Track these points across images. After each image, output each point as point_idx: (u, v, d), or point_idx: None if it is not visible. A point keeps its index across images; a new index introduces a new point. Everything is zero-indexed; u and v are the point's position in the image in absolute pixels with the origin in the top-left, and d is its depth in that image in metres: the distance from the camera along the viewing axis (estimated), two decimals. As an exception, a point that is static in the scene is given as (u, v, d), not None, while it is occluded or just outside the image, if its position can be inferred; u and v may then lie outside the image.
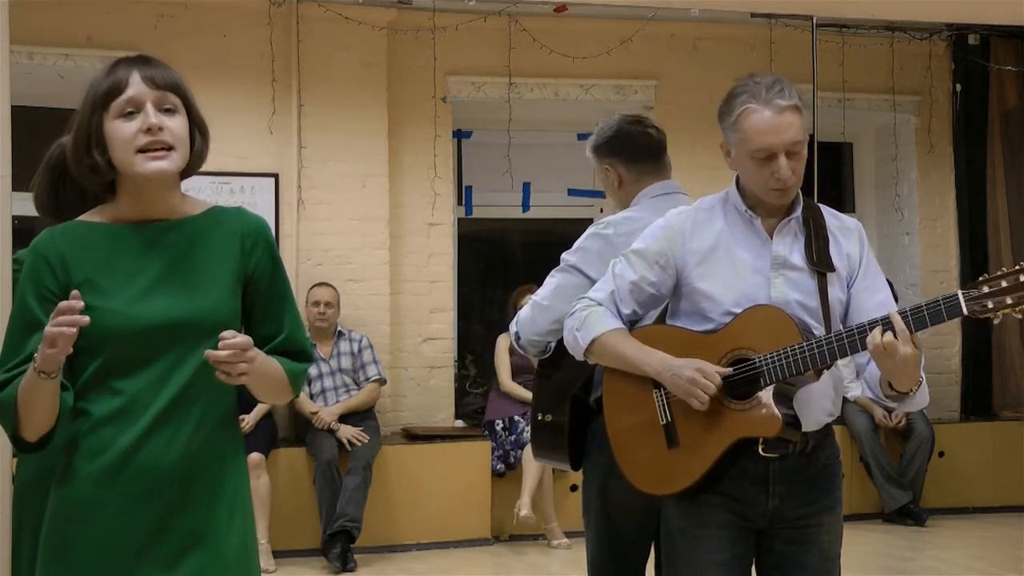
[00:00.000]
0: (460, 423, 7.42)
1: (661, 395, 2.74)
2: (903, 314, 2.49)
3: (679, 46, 7.69)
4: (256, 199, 6.86)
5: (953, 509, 7.53)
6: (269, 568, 6.08)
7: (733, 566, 2.73)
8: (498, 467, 6.80)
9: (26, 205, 3.11)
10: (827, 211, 2.83)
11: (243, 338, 2.11)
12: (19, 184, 3.19)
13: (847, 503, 8.45)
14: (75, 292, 2.05)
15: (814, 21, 5.27)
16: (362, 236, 7.09)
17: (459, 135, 7.79)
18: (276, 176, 6.99)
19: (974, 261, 8.12)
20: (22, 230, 2.57)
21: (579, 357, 2.87)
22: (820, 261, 2.71)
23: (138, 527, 2.16)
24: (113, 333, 2.15)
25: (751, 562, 2.80)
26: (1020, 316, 2.46)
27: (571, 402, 3.24)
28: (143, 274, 2.19)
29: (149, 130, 2.15)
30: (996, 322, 2.50)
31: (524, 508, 6.47)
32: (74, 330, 2.00)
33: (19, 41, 4.42)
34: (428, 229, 7.36)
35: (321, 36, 7.05)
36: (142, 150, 2.16)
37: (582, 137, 7.20)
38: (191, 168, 2.25)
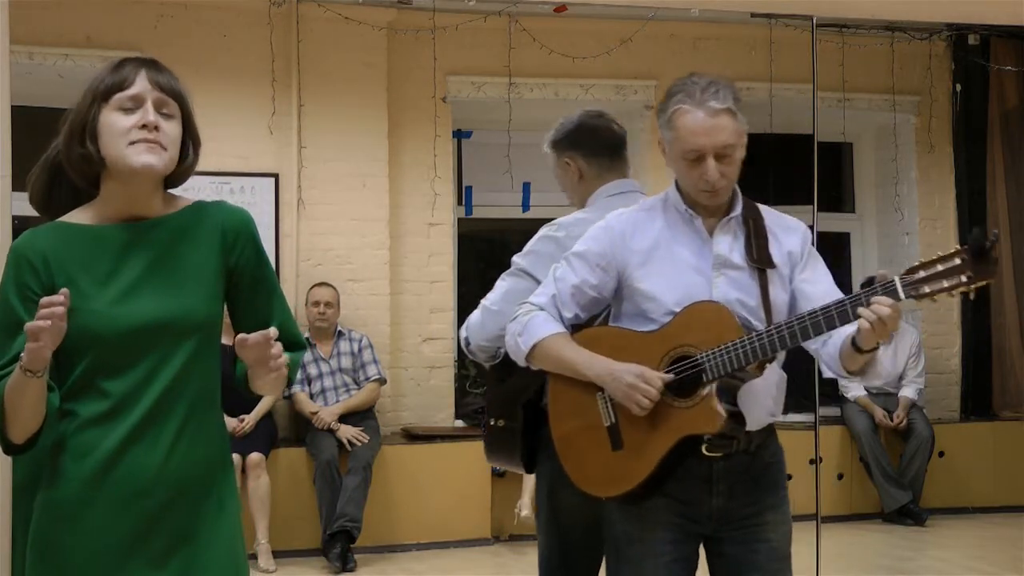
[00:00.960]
0: (460, 423, 7.42)
1: (604, 397, 2.74)
2: (841, 303, 2.51)
3: (679, 46, 7.69)
4: (256, 199, 6.86)
5: (953, 509, 7.53)
6: (269, 568, 6.08)
7: (677, 569, 2.73)
8: (498, 467, 6.79)
9: (27, 205, 3.11)
10: (768, 211, 2.84)
11: (261, 333, 2.14)
12: (19, 184, 3.19)
13: (847, 503, 8.46)
14: (64, 290, 2.04)
15: (814, 21, 5.25)
16: (362, 236, 7.09)
17: (459, 135, 7.78)
18: (276, 176, 6.99)
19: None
20: (22, 230, 2.57)
21: (521, 362, 2.85)
22: (760, 258, 2.72)
23: (125, 527, 2.16)
24: (96, 334, 2.15)
25: (695, 564, 2.79)
26: (956, 297, 2.50)
27: (524, 407, 3.19)
28: (125, 274, 2.19)
29: (145, 126, 2.16)
30: (934, 303, 2.55)
31: (524, 508, 6.46)
32: (49, 323, 1.99)
33: (19, 41, 4.41)
34: (428, 229, 7.36)
35: (321, 36, 7.05)
36: (134, 143, 2.16)
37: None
38: (176, 178, 2.26)
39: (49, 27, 6.57)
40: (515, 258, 3.23)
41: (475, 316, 3.21)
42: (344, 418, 6.56)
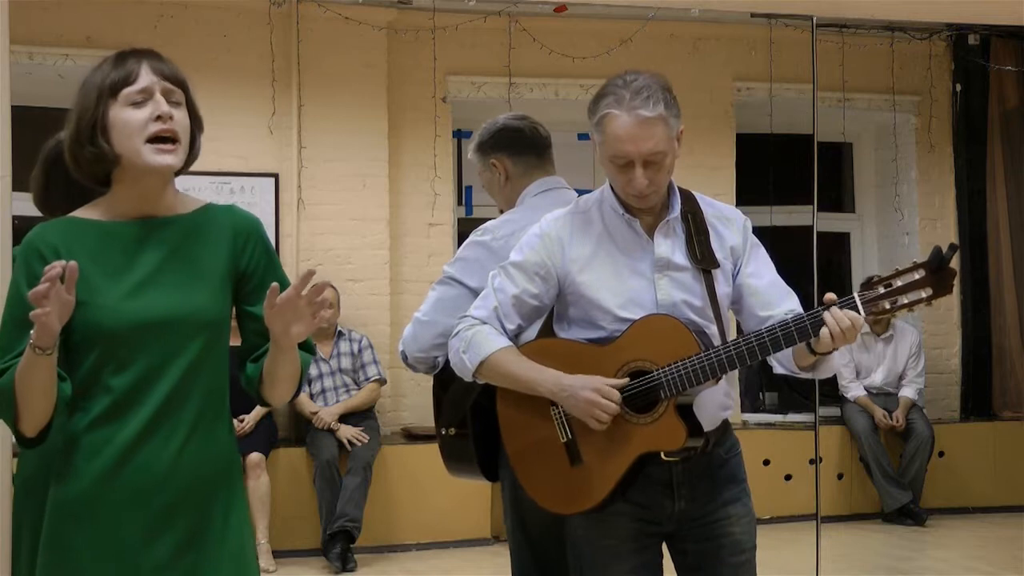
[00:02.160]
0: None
1: (559, 412, 2.69)
2: (800, 319, 2.51)
3: (679, 46, 7.69)
4: (256, 199, 6.86)
5: (953, 509, 7.53)
6: (269, 568, 6.08)
7: (642, 573, 2.70)
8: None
9: (26, 205, 3.11)
10: (706, 201, 2.80)
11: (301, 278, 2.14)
12: (19, 184, 3.19)
13: (847, 503, 8.45)
14: (72, 263, 2.04)
15: (814, 21, 5.26)
16: (362, 236, 7.10)
17: (459, 135, 7.78)
18: (276, 176, 6.99)
19: (974, 261, 8.12)
20: (22, 230, 2.57)
21: (468, 378, 2.79)
22: (704, 258, 2.68)
23: (135, 526, 2.16)
24: (105, 329, 2.15)
25: (660, 565, 2.76)
26: (914, 312, 2.50)
27: (472, 412, 3.12)
28: (135, 270, 2.20)
29: (160, 118, 2.16)
30: (894, 320, 2.55)
31: (524, 508, 6.46)
32: (48, 285, 1.98)
33: (19, 41, 4.42)
34: (428, 229, 7.36)
35: (321, 36, 7.05)
36: (152, 139, 2.16)
37: (582, 137, 7.20)
38: (187, 165, 2.27)
39: (49, 27, 6.57)
40: (445, 266, 3.20)
41: (408, 329, 3.19)
42: (344, 418, 6.56)
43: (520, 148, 3.35)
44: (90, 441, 2.17)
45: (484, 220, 3.35)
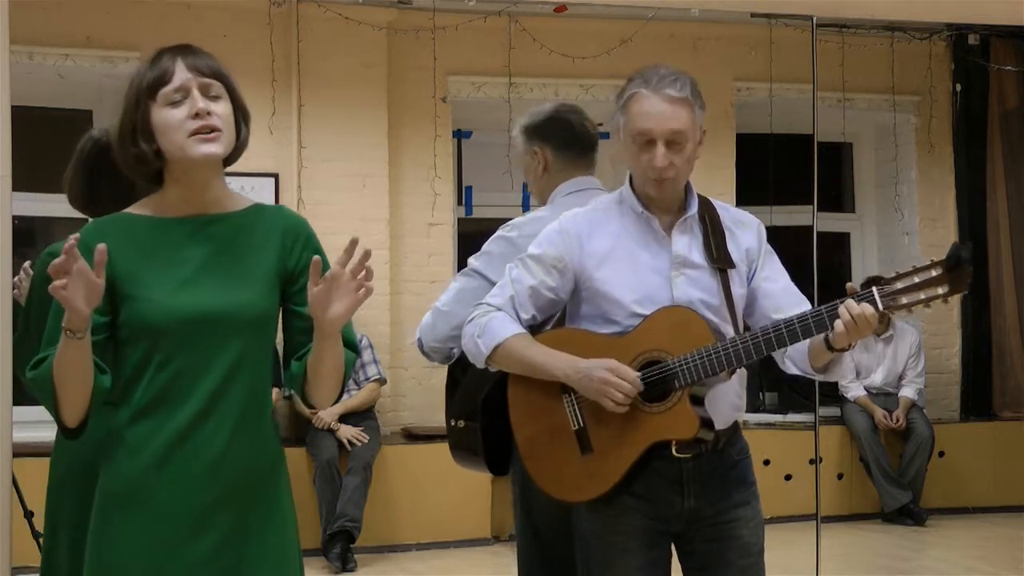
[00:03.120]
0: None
1: (571, 400, 2.69)
2: (818, 312, 2.52)
3: (679, 46, 7.68)
4: (256, 199, 6.82)
5: (953, 509, 7.53)
6: (269, 568, 6.08)
7: (649, 570, 2.70)
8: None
9: (26, 205, 3.12)
10: (721, 206, 2.82)
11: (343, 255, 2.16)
12: (19, 184, 3.19)
13: (847, 503, 8.46)
14: (101, 247, 2.06)
15: (814, 21, 5.26)
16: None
17: (459, 135, 7.78)
18: (276, 176, 6.99)
19: (974, 261, 8.12)
20: (22, 230, 2.57)
21: (480, 365, 2.80)
22: (720, 258, 2.70)
23: (178, 522, 2.18)
24: (152, 323, 2.17)
25: (668, 564, 2.77)
26: (930, 309, 2.53)
27: (483, 405, 3.12)
28: (184, 265, 2.22)
29: (198, 115, 2.18)
30: (908, 315, 2.57)
31: (524, 508, 6.46)
32: (64, 258, 2.00)
33: (19, 41, 4.42)
34: (428, 229, 7.36)
35: (321, 36, 7.05)
36: (193, 134, 2.18)
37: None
38: (235, 155, 2.29)
39: (49, 27, 6.57)
40: (470, 259, 3.21)
41: (427, 318, 3.18)
42: (344, 418, 6.56)
43: (565, 142, 3.31)
44: (135, 435, 2.19)
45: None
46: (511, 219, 3.41)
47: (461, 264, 7.61)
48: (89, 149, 3.05)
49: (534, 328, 2.80)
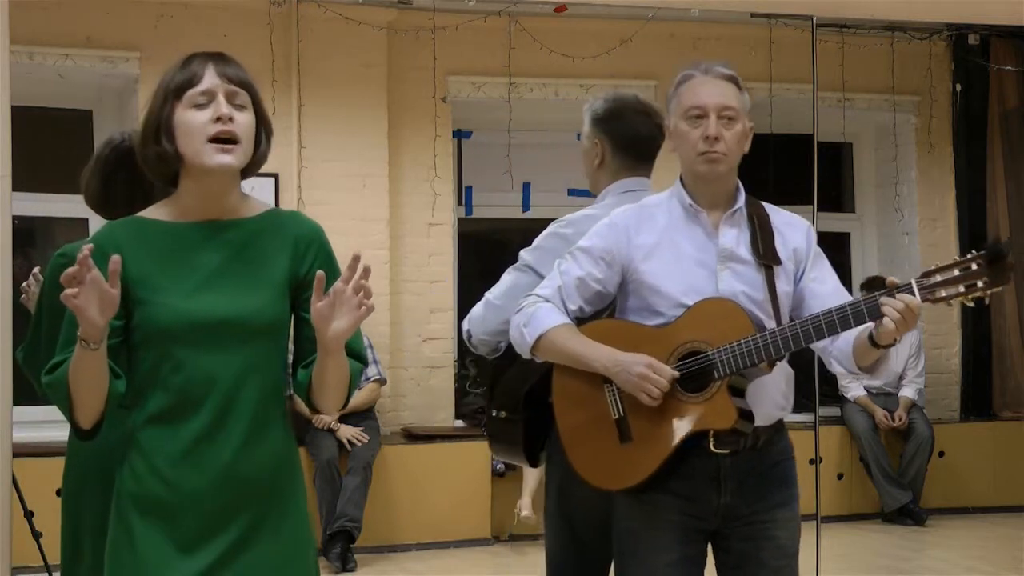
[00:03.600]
0: (460, 423, 7.42)
1: (612, 390, 2.73)
2: (856, 304, 2.55)
3: (679, 46, 7.68)
4: (256, 199, 6.85)
5: (953, 509, 7.53)
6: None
7: (684, 566, 2.72)
8: (498, 467, 6.79)
9: (26, 205, 3.12)
10: (772, 208, 2.85)
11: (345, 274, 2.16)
12: (19, 184, 3.19)
13: (847, 503, 8.45)
14: (115, 257, 2.06)
15: (814, 21, 5.26)
16: (362, 236, 7.08)
17: (459, 135, 7.78)
18: (276, 176, 6.99)
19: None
20: (22, 230, 2.58)
21: (526, 354, 2.84)
22: (767, 254, 2.73)
23: (192, 525, 2.19)
24: (164, 327, 2.18)
25: (703, 562, 2.78)
26: (971, 304, 2.53)
27: (526, 399, 3.18)
28: (197, 271, 2.23)
29: (219, 119, 2.19)
30: (949, 307, 2.57)
31: (525, 508, 6.47)
32: (77, 269, 2.00)
33: (19, 41, 4.42)
34: (428, 229, 7.36)
35: (321, 36, 7.05)
36: (212, 140, 2.19)
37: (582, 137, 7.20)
38: (253, 167, 2.30)
39: (49, 27, 6.57)
40: (522, 252, 3.23)
41: (477, 309, 3.21)
42: (344, 418, 6.55)
43: (624, 143, 3.30)
44: (148, 439, 2.20)
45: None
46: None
47: (461, 264, 7.69)
48: (110, 152, 3.07)
49: (581, 320, 2.83)
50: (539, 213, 7.84)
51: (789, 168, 7.63)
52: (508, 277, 3.21)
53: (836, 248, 8.48)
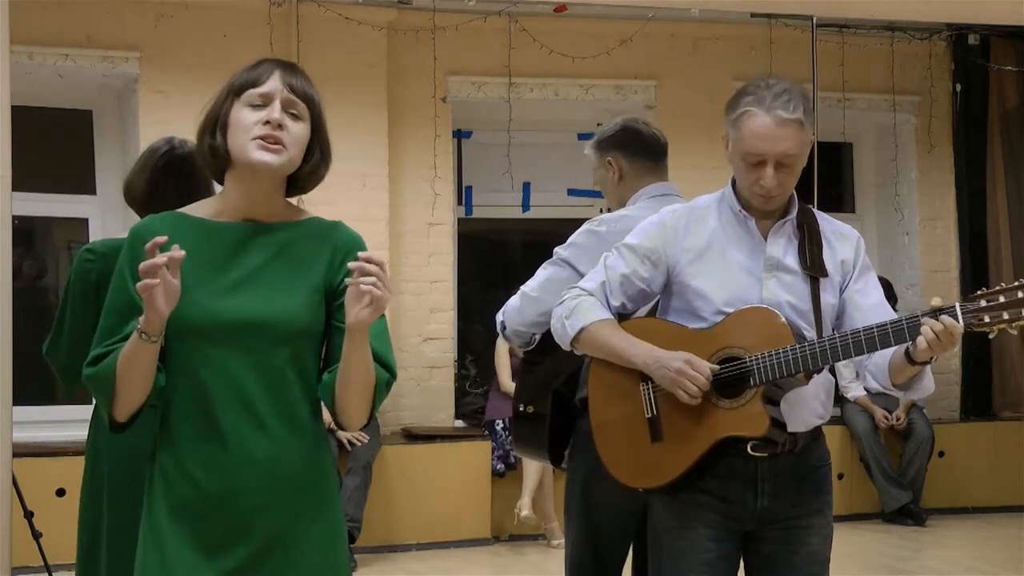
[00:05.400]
0: (460, 423, 7.43)
1: (648, 388, 2.73)
2: (898, 322, 2.52)
3: (679, 46, 7.69)
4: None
5: (953, 509, 7.54)
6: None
7: (719, 567, 2.72)
8: (498, 467, 6.80)
9: (26, 205, 3.13)
10: (823, 217, 2.83)
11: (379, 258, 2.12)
12: (19, 184, 3.19)
13: (847, 503, 8.44)
14: (176, 247, 2.05)
15: (814, 21, 5.27)
16: (362, 236, 7.08)
17: (459, 135, 7.78)
18: (276, 176, 6.99)
19: (974, 261, 8.12)
20: (22, 230, 2.58)
21: (566, 346, 2.85)
22: (814, 265, 2.72)
23: (221, 526, 2.18)
24: (194, 324, 2.17)
25: (738, 562, 2.79)
26: (1015, 332, 2.49)
27: (553, 395, 3.23)
28: (232, 271, 2.21)
29: (268, 123, 2.19)
30: (992, 336, 2.52)
31: (525, 508, 6.47)
32: (157, 281, 2.01)
33: (19, 41, 4.42)
34: (428, 229, 7.36)
35: (321, 36, 7.05)
36: (256, 138, 2.19)
37: (582, 137, 7.20)
38: (302, 183, 2.29)
39: (49, 27, 6.57)
40: (558, 248, 3.27)
41: (514, 301, 3.24)
42: (344, 418, 6.55)
43: (637, 149, 3.40)
44: (177, 438, 2.20)
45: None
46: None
47: (461, 264, 7.69)
48: (160, 156, 3.14)
49: (623, 317, 2.84)
50: (539, 213, 7.85)
51: (789, 168, 7.63)
52: (544, 271, 3.24)
53: (836, 248, 8.48)
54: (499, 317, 3.29)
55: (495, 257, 8.60)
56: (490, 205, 7.87)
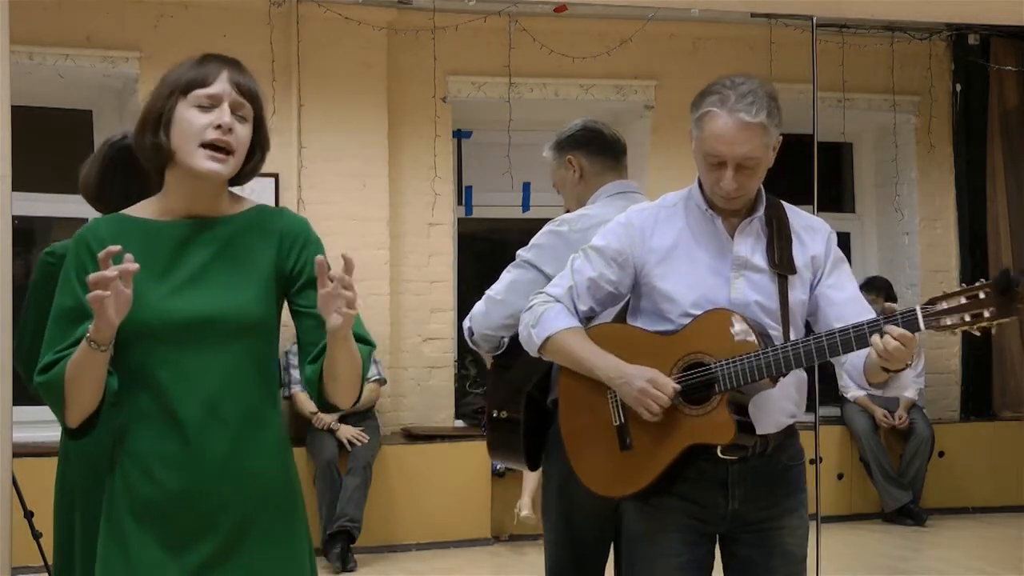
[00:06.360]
0: (460, 423, 7.42)
1: (615, 396, 2.72)
2: (860, 326, 2.50)
3: (679, 46, 7.69)
4: (256, 199, 6.85)
5: (953, 509, 7.53)
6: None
7: (691, 571, 2.72)
8: (498, 467, 6.79)
9: (26, 205, 3.12)
10: (792, 210, 2.81)
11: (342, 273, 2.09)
12: (19, 184, 3.19)
13: (847, 503, 8.44)
14: (130, 256, 2.04)
15: (814, 21, 5.26)
16: (362, 236, 7.09)
17: (459, 135, 7.78)
18: (276, 176, 6.99)
19: (974, 261, 8.12)
20: (22, 230, 2.58)
21: (533, 354, 2.84)
22: (782, 263, 2.70)
23: (184, 525, 2.18)
24: (149, 326, 2.16)
25: (710, 566, 2.78)
26: (978, 333, 2.47)
27: (526, 399, 3.21)
28: (181, 269, 2.21)
29: (219, 127, 2.18)
30: (953, 335, 2.51)
31: (525, 508, 6.47)
32: (108, 293, 2.00)
33: (19, 41, 4.41)
34: (428, 229, 7.36)
35: (321, 36, 7.05)
36: (206, 145, 2.17)
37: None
38: (240, 178, 2.29)
39: (49, 27, 6.57)
40: (520, 251, 3.26)
41: (479, 306, 3.23)
42: (344, 418, 6.55)
43: (597, 148, 3.42)
44: (136, 439, 2.19)
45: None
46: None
47: (461, 264, 7.69)
48: (109, 148, 3.08)
49: (593, 320, 2.83)
50: (539, 213, 7.84)
51: (789, 168, 7.59)
52: (508, 274, 3.23)
53: (836, 248, 8.48)
54: (466, 323, 3.27)
55: (495, 257, 8.58)
56: (490, 205, 7.86)
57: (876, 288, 7.40)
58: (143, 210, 2.28)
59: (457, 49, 7.31)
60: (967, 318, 2.45)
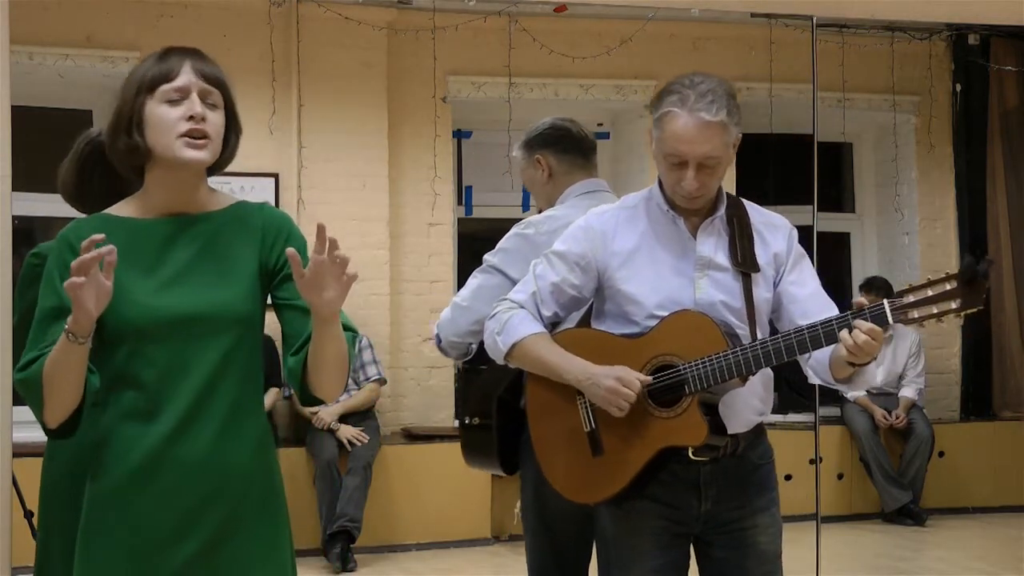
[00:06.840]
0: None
1: (585, 402, 2.71)
2: (828, 321, 2.50)
3: (679, 46, 7.69)
4: (256, 199, 6.81)
5: (953, 509, 7.53)
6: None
7: (667, 571, 2.72)
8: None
9: (26, 205, 3.12)
10: (753, 208, 2.81)
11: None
12: (19, 184, 3.19)
13: (847, 503, 8.45)
14: (111, 248, 2.04)
15: (814, 21, 5.26)
16: (362, 236, 7.09)
17: (459, 135, 7.78)
18: (276, 176, 6.99)
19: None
20: (22, 230, 2.58)
21: (500, 361, 2.82)
22: (745, 261, 2.69)
23: (167, 522, 2.18)
24: (134, 324, 2.17)
25: (686, 566, 2.78)
26: (944, 324, 2.49)
27: (497, 404, 3.18)
28: (165, 267, 2.21)
29: (192, 118, 2.18)
30: (922, 327, 2.52)
31: (524, 508, 6.46)
32: (84, 279, 1.99)
33: (19, 41, 4.42)
34: (428, 229, 7.36)
35: (321, 36, 7.05)
36: (183, 136, 2.18)
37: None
38: (219, 165, 2.29)
39: (49, 27, 6.57)
40: (486, 256, 3.23)
41: (446, 312, 3.20)
42: (344, 418, 6.56)
43: (566, 147, 3.38)
44: (120, 437, 2.19)
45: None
46: (511, 219, 3.44)
47: (461, 264, 7.69)
48: (85, 146, 3.05)
49: (558, 325, 2.81)
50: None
51: (789, 168, 7.63)
52: (474, 280, 3.20)
53: (836, 248, 8.49)
54: (433, 330, 3.24)
55: (495, 257, 8.59)
56: (490, 205, 7.87)
57: (876, 288, 7.40)
58: (125, 209, 2.28)
59: (457, 49, 7.31)
60: (935, 310, 2.46)
